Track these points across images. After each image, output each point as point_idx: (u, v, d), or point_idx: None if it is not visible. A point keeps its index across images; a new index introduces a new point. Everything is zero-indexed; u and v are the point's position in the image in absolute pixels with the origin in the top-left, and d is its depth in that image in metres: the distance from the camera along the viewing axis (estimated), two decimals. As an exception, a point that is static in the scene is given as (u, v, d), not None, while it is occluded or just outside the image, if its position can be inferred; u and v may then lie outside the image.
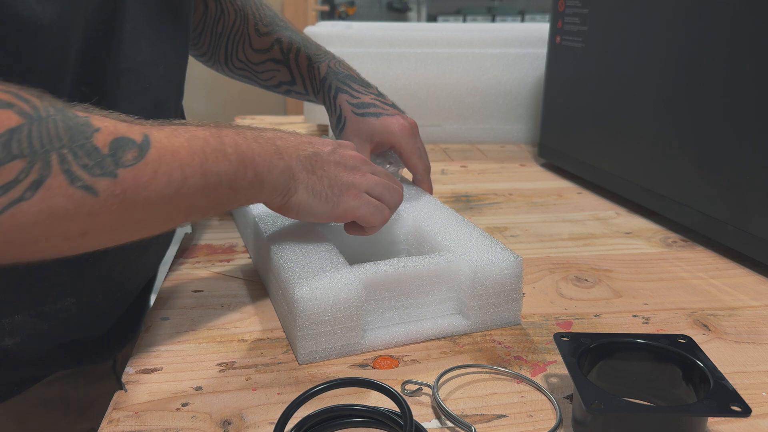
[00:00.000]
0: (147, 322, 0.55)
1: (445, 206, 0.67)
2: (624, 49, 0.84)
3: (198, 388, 0.46)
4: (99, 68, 0.52)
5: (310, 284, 0.49)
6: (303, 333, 0.49)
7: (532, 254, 0.71)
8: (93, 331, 0.62)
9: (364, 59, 1.18)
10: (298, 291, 0.48)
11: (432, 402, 0.45)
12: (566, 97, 0.99)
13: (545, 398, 0.46)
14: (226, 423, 0.42)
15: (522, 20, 3.92)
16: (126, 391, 0.46)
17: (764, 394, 0.47)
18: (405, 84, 1.19)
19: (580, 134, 0.96)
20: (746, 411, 0.37)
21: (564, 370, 0.48)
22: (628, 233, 0.78)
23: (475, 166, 1.08)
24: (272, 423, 0.40)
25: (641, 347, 0.45)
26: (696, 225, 0.75)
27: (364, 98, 0.74)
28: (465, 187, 0.95)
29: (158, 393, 0.46)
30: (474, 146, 1.21)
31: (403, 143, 0.72)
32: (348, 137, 0.73)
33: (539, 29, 1.19)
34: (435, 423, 0.43)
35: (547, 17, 1.04)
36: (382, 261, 0.53)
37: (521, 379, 0.48)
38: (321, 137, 0.58)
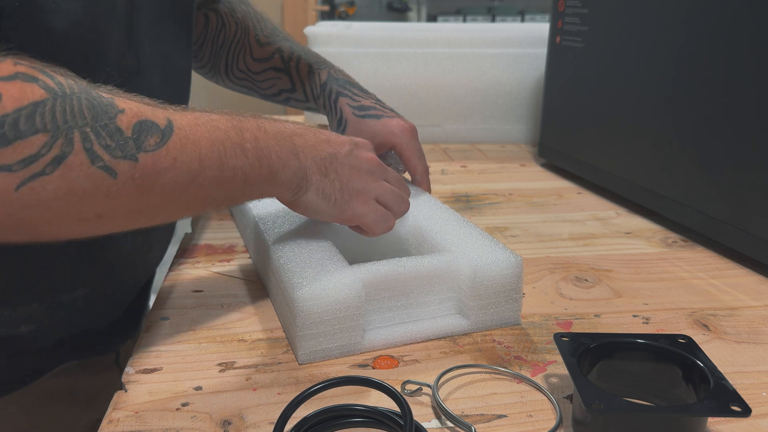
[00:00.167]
0: (147, 322, 0.55)
1: (445, 206, 0.67)
2: (624, 49, 0.84)
3: (198, 388, 0.46)
4: (110, 68, 0.53)
5: (310, 284, 0.49)
6: (303, 333, 0.49)
7: (532, 254, 0.71)
8: (99, 323, 0.63)
9: (364, 59, 1.18)
10: (298, 291, 0.48)
11: (432, 402, 0.45)
12: (566, 97, 0.99)
13: (545, 398, 0.46)
14: (226, 423, 0.42)
15: (522, 20, 3.92)
16: (126, 391, 0.46)
17: (764, 394, 0.47)
18: (405, 84, 1.19)
19: (580, 134, 0.96)
20: (746, 411, 0.37)
21: (564, 370, 0.48)
22: (628, 233, 0.78)
23: (475, 166, 1.08)
24: (272, 423, 0.40)
25: (641, 347, 0.45)
26: (696, 225, 0.75)
27: (364, 102, 0.75)
28: (465, 187, 0.95)
29: (158, 393, 0.46)
30: (474, 146, 1.21)
31: (404, 144, 0.72)
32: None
33: (539, 29, 1.18)
34: (435, 423, 0.43)
35: (547, 17, 1.04)
36: (382, 261, 0.53)
37: (521, 379, 0.48)
38: (341, 135, 0.58)
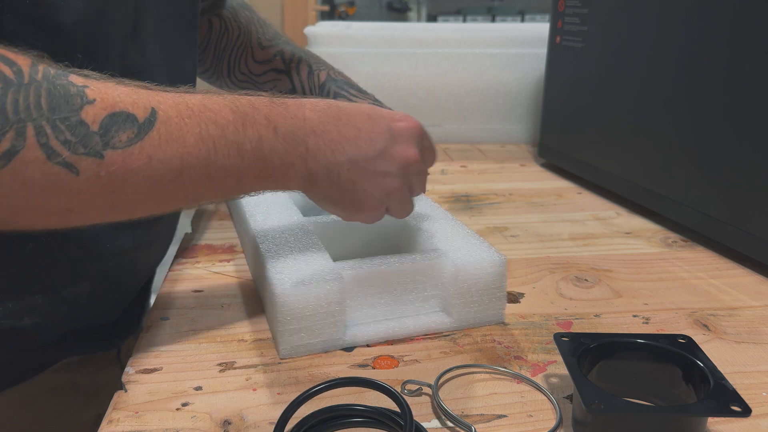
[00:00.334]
0: (147, 322, 0.55)
1: (435, 204, 0.67)
2: (624, 49, 0.84)
3: (198, 388, 0.46)
4: (114, 66, 0.53)
5: (292, 279, 0.49)
6: (284, 328, 0.49)
7: (532, 254, 0.71)
8: (102, 319, 0.64)
9: (364, 59, 1.18)
10: (280, 286, 0.48)
11: (432, 402, 0.45)
12: (566, 97, 0.99)
13: (545, 398, 0.46)
14: (226, 423, 0.42)
15: (522, 20, 3.92)
16: (126, 391, 0.46)
17: (764, 394, 0.47)
18: (405, 84, 1.19)
19: (580, 134, 0.96)
20: (746, 411, 0.37)
21: (564, 370, 0.48)
22: (628, 233, 0.78)
23: (475, 166, 1.08)
24: (272, 423, 0.40)
25: (641, 347, 0.45)
26: (696, 225, 0.75)
27: (362, 102, 0.76)
28: (465, 187, 0.95)
29: (158, 393, 0.46)
30: (474, 146, 1.21)
31: None
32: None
33: (539, 29, 1.19)
34: (435, 423, 0.43)
35: (547, 17, 1.04)
36: (366, 258, 0.53)
37: (521, 379, 0.48)
38: (383, 121, 0.51)
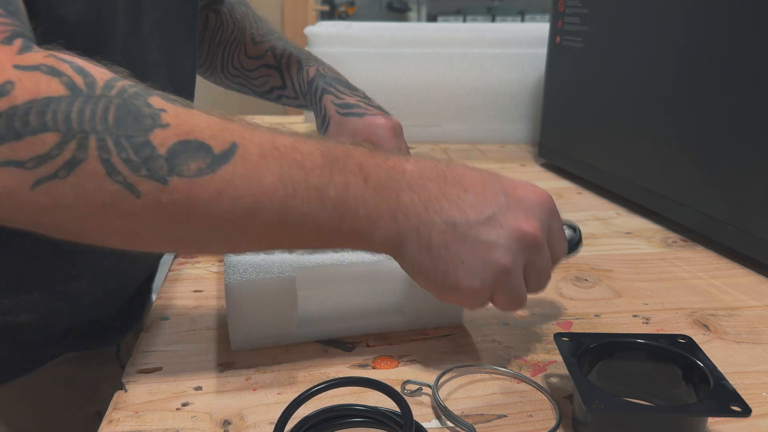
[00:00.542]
0: (147, 322, 0.56)
1: None
2: (624, 49, 0.84)
3: (198, 388, 0.46)
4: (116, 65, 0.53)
5: (243, 273, 0.49)
6: (234, 319, 0.50)
7: (532, 254, 0.71)
8: (101, 315, 0.64)
9: (364, 59, 1.18)
10: (230, 278, 0.49)
11: (432, 402, 0.45)
12: (566, 97, 0.99)
13: (545, 398, 0.46)
14: (226, 423, 0.42)
15: (522, 20, 3.92)
16: (126, 391, 0.46)
17: (764, 394, 0.47)
18: (405, 84, 1.19)
19: (580, 134, 0.96)
20: (746, 411, 0.37)
21: (564, 370, 0.48)
22: (628, 233, 0.78)
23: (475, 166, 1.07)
24: (272, 423, 0.40)
25: (641, 347, 0.45)
26: (696, 225, 0.75)
27: (349, 99, 0.75)
28: (465, 187, 0.95)
29: (158, 393, 0.46)
30: (474, 146, 1.21)
31: (384, 141, 0.71)
32: (331, 136, 0.73)
33: (539, 29, 1.18)
34: (435, 423, 0.43)
35: (547, 17, 1.04)
36: (319, 254, 0.53)
37: (521, 379, 0.48)
38: (497, 185, 0.44)
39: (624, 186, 0.86)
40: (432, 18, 4.01)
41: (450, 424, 0.43)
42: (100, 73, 0.36)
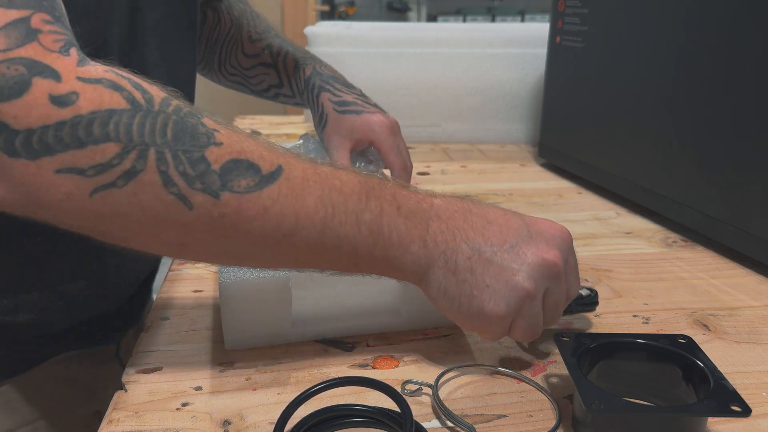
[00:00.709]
0: (147, 322, 0.56)
1: None
2: (624, 49, 0.84)
3: (198, 388, 0.46)
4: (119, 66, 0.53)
5: (237, 272, 0.49)
6: (228, 318, 0.50)
7: (532, 254, 0.71)
8: (101, 315, 0.64)
9: (364, 59, 1.18)
10: (224, 277, 0.49)
11: (432, 402, 0.45)
12: (566, 97, 0.99)
13: (545, 398, 0.46)
14: (226, 423, 0.42)
15: (522, 20, 3.92)
16: (126, 391, 0.46)
17: (764, 394, 0.47)
18: (405, 84, 1.19)
19: (580, 134, 0.96)
20: (746, 411, 0.37)
21: (564, 370, 0.48)
22: (628, 233, 0.78)
23: (475, 166, 1.08)
24: (272, 423, 0.40)
25: (641, 347, 0.45)
26: (696, 225, 0.75)
27: (346, 97, 0.75)
28: (465, 187, 0.95)
29: (158, 393, 0.46)
30: (474, 146, 1.21)
31: (382, 139, 0.72)
32: (329, 135, 0.73)
33: (539, 29, 1.18)
34: (435, 423, 0.43)
35: (547, 17, 1.04)
36: None
37: (521, 379, 0.48)
38: (519, 219, 0.46)
39: (624, 186, 0.86)
40: (432, 18, 4.01)
41: (450, 424, 0.43)
42: (156, 91, 0.38)
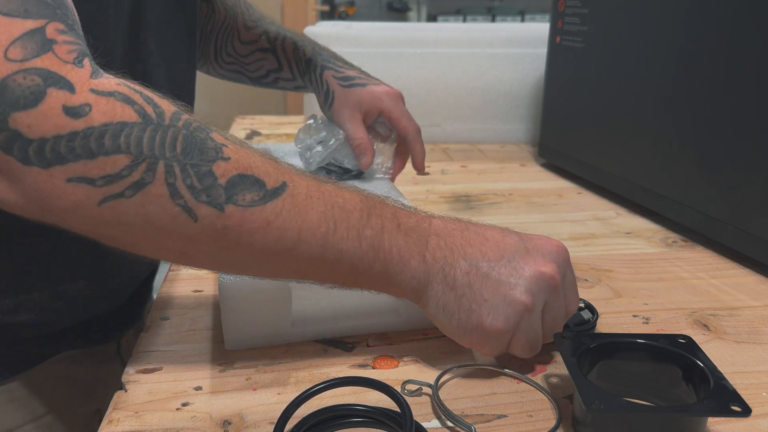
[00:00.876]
0: (147, 322, 0.55)
1: (401, 198, 0.67)
2: (624, 49, 0.84)
3: (198, 388, 0.46)
4: (120, 67, 0.53)
5: None
6: (228, 318, 0.50)
7: (532, 254, 0.71)
8: (101, 314, 0.64)
9: (364, 59, 1.17)
10: (224, 277, 0.49)
11: (432, 402, 0.45)
12: (566, 97, 0.99)
13: (545, 398, 0.46)
14: (226, 423, 0.42)
15: (522, 20, 3.92)
16: (126, 391, 0.46)
17: (764, 394, 0.47)
18: (405, 84, 1.18)
19: (580, 134, 0.96)
20: (746, 411, 0.37)
21: (564, 370, 0.48)
22: (628, 233, 0.78)
23: (475, 166, 1.08)
24: (272, 423, 0.40)
25: (641, 347, 0.45)
26: (696, 225, 0.75)
27: (349, 72, 0.77)
28: (465, 187, 0.95)
29: (158, 393, 0.46)
30: (474, 146, 1.21)
31: (391, 107, 0.74)
32: (338, 110, 0.75)
33: (539, 29, 1.18)
34: (435, 423, 0.43)
35: (547, 17, 1.04)
36: None
37: (521, 379, 0.48)
38: (514, 237, 0.46)
39: (624, 186, 0.86)
40: (432, 18, 4.01)
41: (450, 424, 0.43)
42: (167, 105, 0.39)
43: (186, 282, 0.63)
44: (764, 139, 0.64)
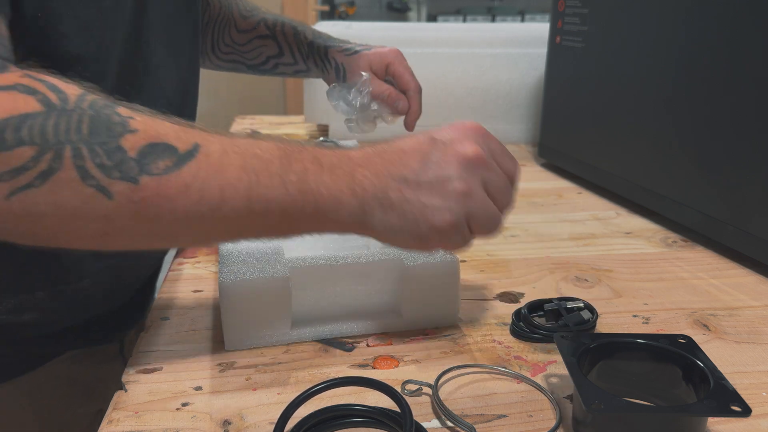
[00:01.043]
0: (147, 322, 0.56)
1: None
2: (624, 49, 0.84)
3: (198, 388, 0.46)
4: (122, 68, 0.53)
5: (237, 272, 0.50)
6: (228, 319, 0.50)
7: (533, 254, 0.71)
8: (104, 313, 0.64)
9: (364, 59, 1.18)
10: (224, 277, 0.49)
11: (432, 402, 0.45)
12: (566, 97, 0.99)
13: (545, 398, 0.46)
14: (226, 423, 0.42)
15: (522, 20, 3.92)
16: (126, 391, 0.46)
17: (764, 394, 0.47)
18: (405, 84, 1.19)
19: (580, 134, 0.96)
20: (746, 411, 0.37)
21: (564, 370, 0.48)
22: (628, 233, 0.78)
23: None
24: (272, 423, 0.40)
25: (641, 347, 0.45)
26: (696, 225, 0.75)
27: (350, 45, 0.82)
28: (465, 187, 0.95)
29: (158, 393, 0.46)
30: (474, 146, 1.21)
31: (397, 62, 0.80)
32: (352, 77, 0.79)
33: (539, 29, 1.18)
34: (435, 423, 0.43)
35: (547, 17, 1.04)
36: (314, 254, 0.54)
37: (521, 379, 0.48)
38: (420, 135, 0.47)
39: (624, 186, 0.86)
40: (432, 18, 4.01)
41: (450, 424, 0.43)
42: (72, 89, 0.38)
43: (186, 282, 0.63)
44: (764, 139, 0.64)
